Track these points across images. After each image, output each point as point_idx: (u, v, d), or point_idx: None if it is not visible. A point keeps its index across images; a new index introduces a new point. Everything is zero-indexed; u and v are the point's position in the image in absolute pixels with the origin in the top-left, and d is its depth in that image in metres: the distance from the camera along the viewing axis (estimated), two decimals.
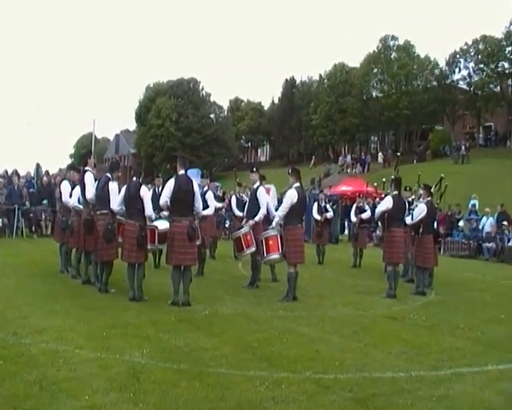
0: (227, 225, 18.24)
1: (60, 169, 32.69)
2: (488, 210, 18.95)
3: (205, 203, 9.29)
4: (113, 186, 7.67)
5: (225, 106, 64.64)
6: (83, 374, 4.21)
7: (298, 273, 7.91)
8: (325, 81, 52.29)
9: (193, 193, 7.20)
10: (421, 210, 9.27)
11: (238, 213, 11.41)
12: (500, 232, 17.53)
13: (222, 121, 59.13)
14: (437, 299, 8.79)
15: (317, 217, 13.49)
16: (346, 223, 20.98)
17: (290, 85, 57.44)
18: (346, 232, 21.09)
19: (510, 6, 66.23)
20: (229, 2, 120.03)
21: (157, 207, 7.63)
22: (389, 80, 46.62)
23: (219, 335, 5.65)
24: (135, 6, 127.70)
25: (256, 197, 8.79)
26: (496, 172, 31.38)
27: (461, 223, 19.14)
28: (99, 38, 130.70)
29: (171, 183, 7.18)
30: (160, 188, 9.55)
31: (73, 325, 5.66)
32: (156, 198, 8.01)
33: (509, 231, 17.52)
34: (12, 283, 8.15)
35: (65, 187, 9.09)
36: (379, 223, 10.72)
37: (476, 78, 43.20)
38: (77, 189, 8.68)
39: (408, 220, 9.43)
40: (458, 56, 44.48)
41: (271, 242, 7.98)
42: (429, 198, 9.52)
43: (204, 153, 53.84)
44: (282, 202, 8.03)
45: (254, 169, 9.26)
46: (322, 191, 16.09)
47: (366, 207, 14.01)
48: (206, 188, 10.18)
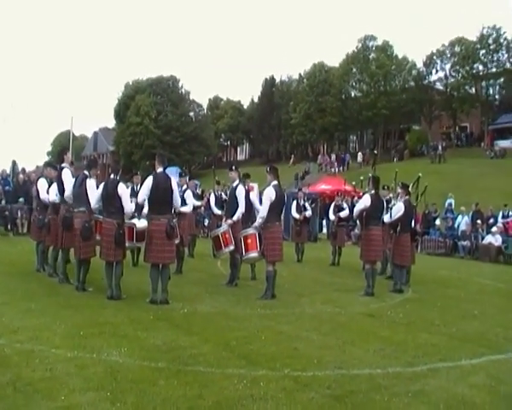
0: (206, 224, 18.22)
1: (37, 166, 32.14)
2: (463, 209, 19.30)
3: (183, 202, 9.25)
4: (91, 184, 7.58)
5: (205, 104, 64.58)
6: (59, 374, 4.14)
7: (276, 271, 7.93)
8: (304, 80, 52.52)
9: (171, 191, 7.16)
10: (398, 209, 9.38)
11: (217, 211, 11.42)
12: (475, 231, 17.89)
13: (201, 119, 58.85)
14: (414, 296, 8.91)
15: (296, 215, 13.55)
16: (325, 221, 21.12)
17: (270, 84, 57.55)
18: (325, 231, 21.23)
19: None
20: (209, 0, 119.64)
21: (137, 207, 7.57)
22: (368, 80, 47.06)
23: (198, 333, 5.63)
24: (114, 3, 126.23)
25: (235, 196, 8.77)
26: (471, 171, 32.08)
27: (437, 221, 19.41)
28: (77, 35, 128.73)
29: (149, 181, 7.12)
30: (139, 186, 9.48)
31: (49, 324, 5.56)
32: (135, 196, 7.93)
33: (483, 230, 17.90)
34: None
35: (42, 185, 8.92)
36: (357, 221, 10.82)
37: (452, 79, 44.00)
38: (54, 186, 8.54)
39: (386, 219, 9.54)
40: (435, 57, 45.25)
41: (250, 240, 7.96)
42: (407, 197, 9.62)
43: (183, 151, 53.56)
44: (262, 202, 8.00)
45: (233, 167, 9.22)
46: (300, 190, 16.15)
47: (344, 205, 14.14)
48: (184, 187, 10.11)
